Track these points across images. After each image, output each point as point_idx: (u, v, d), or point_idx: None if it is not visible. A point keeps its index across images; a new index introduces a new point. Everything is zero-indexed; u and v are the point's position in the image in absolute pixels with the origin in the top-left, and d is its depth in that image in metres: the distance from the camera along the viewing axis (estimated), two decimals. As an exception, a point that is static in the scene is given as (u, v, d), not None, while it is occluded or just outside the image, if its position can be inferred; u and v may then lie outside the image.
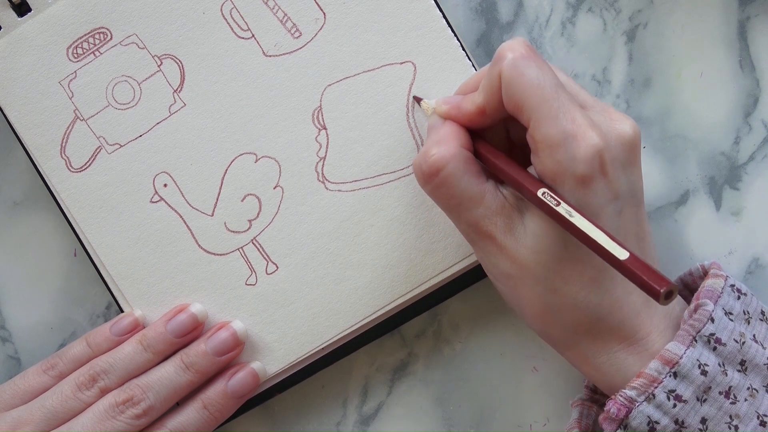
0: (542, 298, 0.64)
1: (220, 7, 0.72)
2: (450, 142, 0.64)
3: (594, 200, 0.61)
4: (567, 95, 0.62)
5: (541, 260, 0.63)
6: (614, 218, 0.63)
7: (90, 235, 0.73)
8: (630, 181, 0.64)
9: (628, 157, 0.64)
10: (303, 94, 0.72)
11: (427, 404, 0.76)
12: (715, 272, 0.67)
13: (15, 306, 0.76)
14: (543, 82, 0.61)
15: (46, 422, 0.68)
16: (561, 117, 0.61)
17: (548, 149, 0.61)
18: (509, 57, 0.62)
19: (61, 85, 0.72)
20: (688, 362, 0.63)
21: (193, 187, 0.72)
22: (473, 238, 0.65)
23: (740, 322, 0.65)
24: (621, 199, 0.63)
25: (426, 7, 0.71)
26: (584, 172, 0.61)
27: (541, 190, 0.61)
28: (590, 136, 0.61)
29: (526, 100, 0.61)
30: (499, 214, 0.64)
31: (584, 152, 0.61)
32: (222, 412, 0.70)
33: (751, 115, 0.74)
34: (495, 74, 0.63)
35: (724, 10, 0.75)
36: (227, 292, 0.72)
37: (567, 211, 0.60)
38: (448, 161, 0.63)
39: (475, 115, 0.65)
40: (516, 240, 0.63)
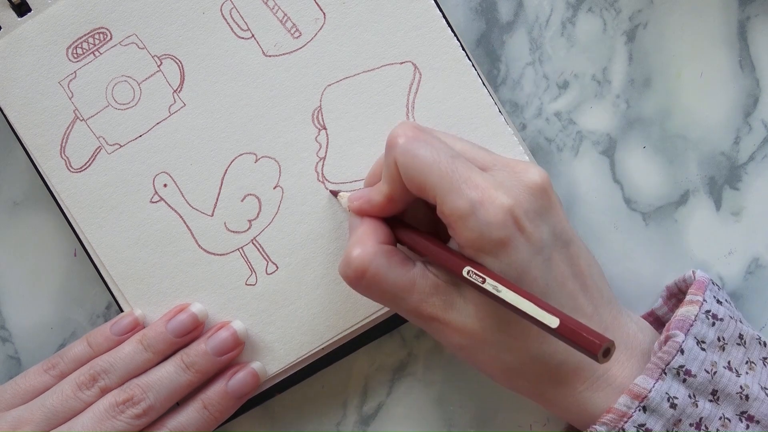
0: (500, 359, 0.64)
1: (220, 7, 0.72)
2: (367, 242, 0.64)
3: (518, 258, 0.62)
4: (464, 164, 0.62)
5: (488, 325, 0.63)
6: (545, 269, 0.63)
7: (90, 235, 0.72)
8: (551, 227, 0.64)
9: (542, 204, 0.64)
10: (303, 94, 0.72)
11: (427, 404, 0.76)
12: (691, 298, 0.67)
13: (15, 306, 0.76)
14: (437, 157, 0.62)
15: (47, 422, 0.68)
16: (463, 187, 0.61)
17: (459, 221, 0.61)
18: (400, 143, 0.63)
19: (61, 85, 0.72)
20: (657, 396, 0.63)
21: (193, 187, 0.72)
22: (418, 322, 0.66)
23: (713, 350, 0.65)
24: (546, 248, 0.63)
25: (426, 7, 0.71)
26: (500, 235, 0.61)
27: (466, 269, 0.61)
28: (496, 197, 0.61)
29: (426, 179, 0.62)
30: (434, 295, 0.64)
31: (494, 215, 0.61)
32: (222, 412, 0.70)
33: (751, 115, 0.74)
34: (391, 162, 0.64)
35: (724, 10, 0.75)
36: (227, 292, 0.72)
37: (493, 287, 0.60)
38: (370, 261, 0.64)
39: (386, 205, 0.66)
40: (459, 313, 0.64)
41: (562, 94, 0.75)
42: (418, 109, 0.71)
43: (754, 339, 0.67)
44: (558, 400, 0.65)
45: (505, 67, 0.75)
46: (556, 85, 0.75)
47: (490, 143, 0.71)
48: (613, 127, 0.75)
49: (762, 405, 0.65)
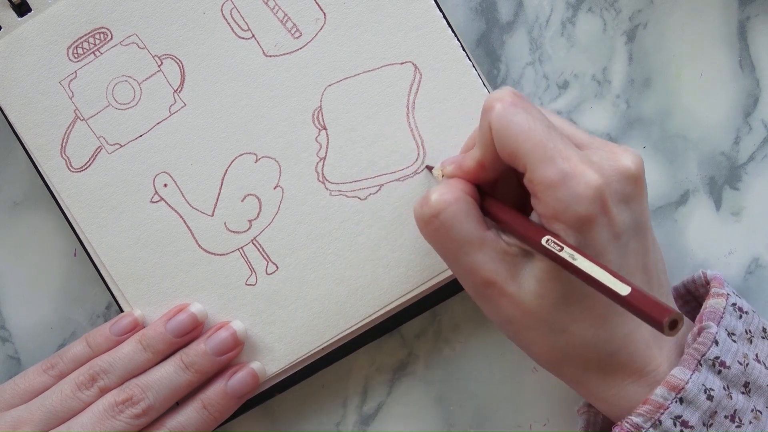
0: (551, 340, 0.64)
1: (221, 7, 0.72)
2: (452, 187, 0.64)
3: (597, 239, 0.61)
4: (560, 136, 0.62)
5: (547, 303, 0.62)
6: (619, 254, 0.62)
7: (90, 235, 0.73)
8: (634, 215, 0.63)
9: (631, 191, 0.63)
10: (303, 94, 0.72)
11: (427, 404, 0.76)
12: (716, 291, 0.67)
13: (15, 306, 0.76)
14: (533, 126, 0.61)
15: (46, 422, 0.68)
16: (557, 158, 0.60)
17: (547, 191, 0.60)
18: (497, 108, 0.62)
19: (62, 85, 0.72)
20: (694, 387, 0.62)
21: (193, 187, 0.72)
22: (470, 284, 0.65)
23: (743, 342, 0.65)
24: (625, 235, 0.62)
25: (426, 8, 0.71)
26: (585, 212, 0.60)
27: (545, 238, 0.60)
28: (588, 174, 0.60)
29: (519, 147, 0.61)
30: (501, 261, 0.63)
31: (584, 192, 0.60)
32: (222, 412, 0.70)
33: (751, 115, 0.74)
34: (485, 127, 0.63)
35: (724, 10, 0.75)
36: (227, 292, 0.72)
37: (570, 255, 0.59)
38: (449, 204, 0.63)
39: (477, 171, 0.65)
40: (519, 286, 0.63)
41: (562, 94, 0.75)
42: (418, 110, 0.71)
43: None
44: (601, 391, 0.65)
45: (505, 67, 0.75)
46: (556, 85, 0.75)
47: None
48: (613, 127, 0.75)
49: None
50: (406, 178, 0.72)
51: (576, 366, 0.64)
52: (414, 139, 0.71)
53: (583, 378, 0.65)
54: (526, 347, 0.66)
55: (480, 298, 0.65)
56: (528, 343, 0.65)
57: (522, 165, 0.61)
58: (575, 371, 0.65)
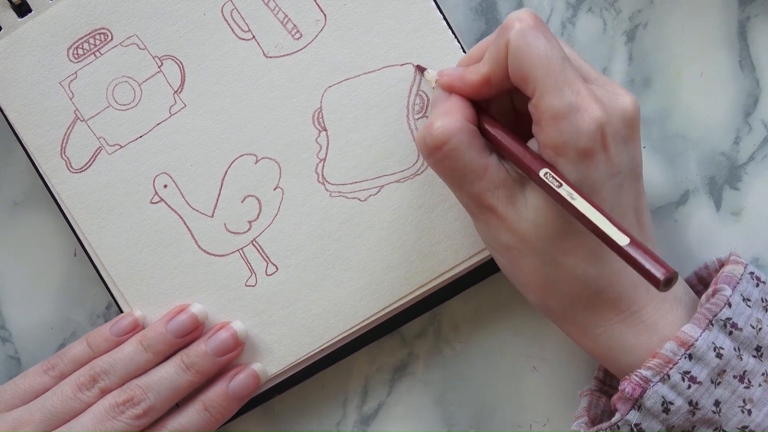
0: (542, 271, 0.64)
1: (221, 8, 0.72)
2: (455, 115, 0.64)
3: (595, 174, 0.62)
4: (572, 68, 0.62)
5: (542, 233, 0.63)
6: (614, 193, 0.63)
7: (90, 236, 0.73)
8: (630, 156, 0.64)
9: (628, 132, 0.64)
10: (303, 95, 0.72)
11: (427, 404, 0.76)
12: (735, 259, 0.68)
13: (15, 306, 0.76)
14: (550, 53, 0.61)
15: (47, 422, 0.69)
16: (566, 89, 0.61)
17: (552, 120, 0.61)
18: (517, 27, 0.62)
19: (62, 86, 0.72)
20: (704, 344, 0.63)
21: (193, 188, 0.72)
22: (474, 210, 0.65)
23: (758, 309, 0.66)
24: (621, 174, 0.63)
25: (426, 9, 0.71)
26: (586, 144, 0.61)
27: (543, 171, 0.61)
28: (593, 109, 0.61)
29: (533, 71, 0.61)
30: (501, 187, 0.64)
31: (587, 125, 0.61)
32: (223, 413, 0.70)
33: (751, 115, 0.74)
34: (502, 44, 0.63)
35: (724, 10, 0.75)
36: (227, 293, 0.72)
37: (568, 193, 0.60)
38: (453, 134, 0.63)
39: (480, 86, 0.65)
40: (517, 213, 0.63)
41: (562, 94, 0.75)
42: (419, 112, 0.71)
43: None
44: (587, 328, 0.65)
45: (506, 67, 0.75)
46: (556, 85, 0.75)
47: (490, 144, 0.71)
48: (613, 127, 0.75)
49: None
50: (406, 180, 0.72)
51: (564, 300, 0.65)
52: (414, 141, 0.71)
53: (570, 313, 0.66)
54: (517, 276, 0.66)
55: (480, 223, 0.66)
56: (520, 272, 0.66)
57: (531, 90, 0.62)
58: (563, 305, 0.66)
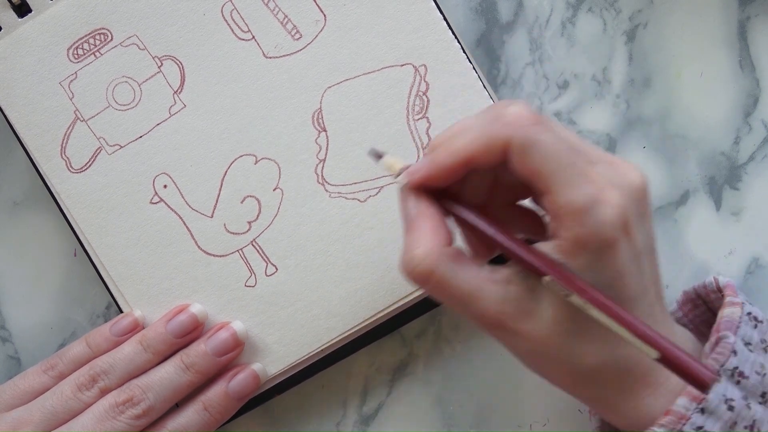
0: (570, 365, 0.62)
1: (221, 8, 0.72)
2: (429, 244, 0.60)
3: (619, 262, 0.59)
4: (581, 156, 0.59)
5: (563, 330, 0.60)
6: (638, 274, 0.61)
7: (90, 236, 0.73)
8: (647, 231, 0.62)
9: (643, 209, 0.61)
10: (303, 95, 0.72)
11: (427, 404, 0.76)
12: (731, 300, 0.66)
13: (15, 306, 0.76)
14: (558, 145, 0.58)
15: (46, 422, 0.69)
16: (582, 182, 0.58)
17: (573, 215, 0.58)
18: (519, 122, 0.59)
19: (62, 86, 0.72)
20: (715, 398, 0.61)
21: (192, 188, 0.72)
22: (483, 328, 0.62)
23: (759, 352, 0.64)
24: (642, 254, 0.61)
25: (427, 9, 0.71)
26: (611, 235, 0.58)
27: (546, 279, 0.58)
28: (613, 197, 0.58)
29: (544, 165, 0.58)
30: (504, 302, 0.60)
31: (611, 216, 0.58)
32: (222, 413, 0.70)
33: (751, 115, 0.75)
34: (498, 136, 0.59)
35: (724, 10, 0.75)
36: (227, 294, 0.72)
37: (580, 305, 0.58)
38: (434, 267, 0.60)
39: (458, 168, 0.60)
40: (530, 320, 0.60)
41: (562, 94, 0.75)
42: (419, 112, 0.71)
43: None
44: (619, 406, 0.63)
45: (505, 67, 0.75)
46: (556, 85, 0.75)
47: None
48: (613, 127, 0.75)
49: None
50: (406, 180, 0.72)
51: (596, 386, 0.63)
52: (414, 142, 0.71)
53: (603, 395, 0.63)
54: (546, 376, 0.64)
55: (495, 337, 0.63)
56: (547, 371, 0.63)
57: (543, 186, 0.59)
58: (595, 392, 0.63)
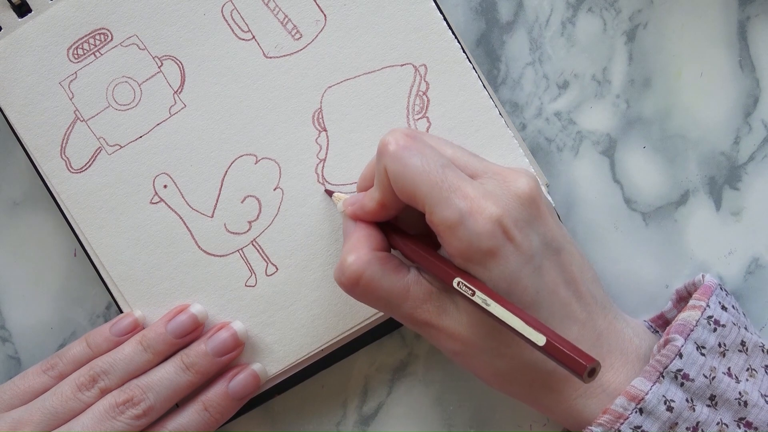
0: (492, 365, 0.65)
1: (221, 8, 0.72)
2: (361, 249, 0.65)
3: (508, 268, 0.62)
4: (454, 173, 0.62)
5: (480, 332, 0.63)
6: (535, 278, 0.63)
7: (90, 236, 0.72)
8: (542, 235, 0.64)
9: (531, 213, 0.63)
10: (303, 95, 0.72)
11: (427, 404, 0.76)
12: (694, 303, 0.67)
13: (15, 306, 0.76)
14: (427, 167, 0.62)
15: (46, 422, 0.69)
16: (452, 197, 0.61)
17: (449, 231, 0.61)
18: (390, 150, 0.63)
19: (62, 86, 0.72)
20: (654, 398, 0.63)
21: (193, 188, 0.72)
22: (413, 327, 0.66)
23: (714, 355, 0.65)
24: (537, 257, 0.63)
25: (427, 9, 0.71)
26: (489, 245, 0.61)
27: (456, 280, 0.62)
28: (485, 207, 0.61)
29: (416, 189, 0.62)
30: (428, 301, 0.64)
31: (483, 225, 0.61)
32: (222, 413, 0.70)
33: (751, 115, 0.74)
34: (382, 169, 0.64)
35: (724, 10, 0.75)
36: (227, 294, 0.72)
37: (483, 300, 0.60)
38: (364, 269, 0.64)
39: (378, 211, 0.66)
40: (451, 320, 0.64)
41: (562, 94, 0.75)
42: (421, 110, 0.71)
43: (757, 346, 0.67)
44: (552, 406, 0.66)
45: (505, 67, 0.75)
46: (556, 85, 0.75)
47: (490, 145, 0.71)
48: (613, 127, 0.75)
49: (761, 412, 0.65)
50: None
51: (522, 386, 0.66)
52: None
53: (532, 395, 0.66)
54: (475, 373, 0.67)
55: (425, 336, 0.66)
56: (475, 370, 0.66)
57: (421, 206, 0.62)
58: (523, 390, 0.66)
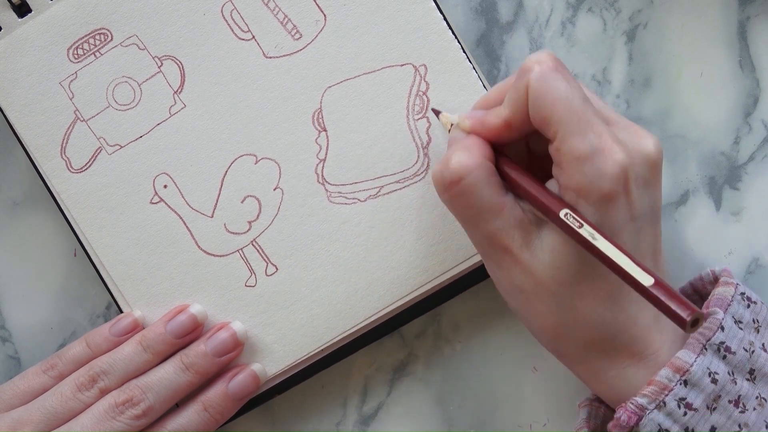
0: (556, 314, 0.63)
1: (221, 8, 0.72)
2: (473, 152, 0.63)
3: (616, 218, 0.61)
4: (594, 110, 0.61)
5: (558, 276, 0.62)
6: (634, 236, 0.62)
7: (90, 236, 0.73)
8: (651, 200, 0.63)
9: (651, 175, 0.63)
10: (303, 95, 0.72)
11: (427, 404, 0.76)
12: (726, 280, 0.67)
13: (15, 306, 0.76)
14: (571, 95, 0.61)
15: (46, 423, 0.68)
16: (588, 131, 0.60)
17: (574, 162, 0.60)
18: (537, 69, 0.61)
19: (62, 86, 0.72)
20: (699, 370, 0.63)
21: (193, 188, 0.72)
22: (488, 250, 0.64)
23: (749, 330, 0.65)
24: (642, 218, 0.62)
25: (427, 9, 0.71)
26: (609, 187, 0.60)
27: (564, 211, 0.60)
28: (616, 151, 0.60)
29: (554, 113, 0.60)
30: (517, 228, 0.63)
31: (611, 168, 0.60)
32: (222, 413, 0.70)
33: (751, 115, 0.75)
34: (522, 87, 0.62)
35: (724, 10, 0.75)
36: (227, 294, 0.72)
37: (590, 234, 0.59)
38: (471, 170, 0.62)
39: (501, 129, 0.64)
40: (533, 255, 0.63)
41: (562, 94, 0.75)
42: (418, 112, 0.71)
43: None
44: (600, 371, 0.65)
45: (505, 67, 0.75)
46: (556, 85, 0.75)
47: (490, 144, 0.71)
48: (613, 127, 0.75)
49: None
50: (406, 181, 0.71)
51: (578, 344, 0.64)
52: (414, 141, 0.71)
53: (584, 357, 0.65)
54: (529, 320, 0.65)
55: (493, 263, 0.65)
56: (534, 315, 0.65)
57: (553, 132, 0.61)
58: (577, 349, 0.65)
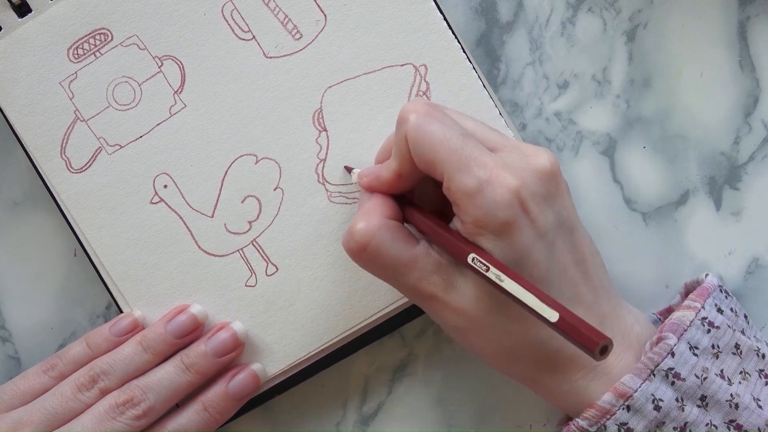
0: (497, 343, 0.64)
1: (221, 8, 0.72)
2: (373, 215, 0.64)
3: (521, 241, 0.62)
4: (474, 143, 0.62)
5: (486, 307, 0.63)
6: (547, 253, 0.63)
7: (90, 236, 0.72)
8: (556, 212, 0.64)
9: (549, 189, 0.64)
10: (303, 95, 0.72)
11: (427, 404, 0.76)
12: (689, 303, 0.67)
13: (15, 306, 0.76)
14: (448, 135, 0.62)
15: (46, 423, 0.68)
16: (472, 166, 0.61)
17: (466, 198, 0.61)
18: (412, 119, 0.63)
19: (62, 86, 0.72)
20: (642, 396, 0.63)
21: (193, 188, 0.72)
22: (416, 300, 0.66)
23: (706, 356, 0.65)
24: (550, 233, 0.63)
25: (427, 9, 0.71)
26: (505, 216, 0.61)
27: (471, 256, 0.61)
28: (504, 177, 0.61)
29: (435, 155, 0.62)
30: (436, 273, 0.64)
31: (501, 196, 0.61)
32: (222, 413, 0.70)
33: (751, 115, 0.75)
34: (401, 138, 0.64)
35: (724, 10, 0.75)
36: (227, 294, 0.72)
37: (496, 276, 0.60)
38: (373, 234, 0.64)
39: (395, 181, 0.66)
40: (458, 293, 0.64)
41: (562, 94, 0.75)
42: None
43: (752, 350, 0.67)
44: (553, 387, 0.66)
45: (505, 67, 0.75)
46: (556, 85, 0.75)
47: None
48: (613, 127, 0.75)
49: (752, 415, 0.65)
50: (407, 180, 0.72)
51: (525, 365, 0.65)
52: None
53: (536, 376, 0.66)
54: (476, 351, 0.66)
55: (427, 310, 0.66)
56: (477, 348, 0.66)
57: (439, 174, 0.62)
58: (525, 369, 0.66)
